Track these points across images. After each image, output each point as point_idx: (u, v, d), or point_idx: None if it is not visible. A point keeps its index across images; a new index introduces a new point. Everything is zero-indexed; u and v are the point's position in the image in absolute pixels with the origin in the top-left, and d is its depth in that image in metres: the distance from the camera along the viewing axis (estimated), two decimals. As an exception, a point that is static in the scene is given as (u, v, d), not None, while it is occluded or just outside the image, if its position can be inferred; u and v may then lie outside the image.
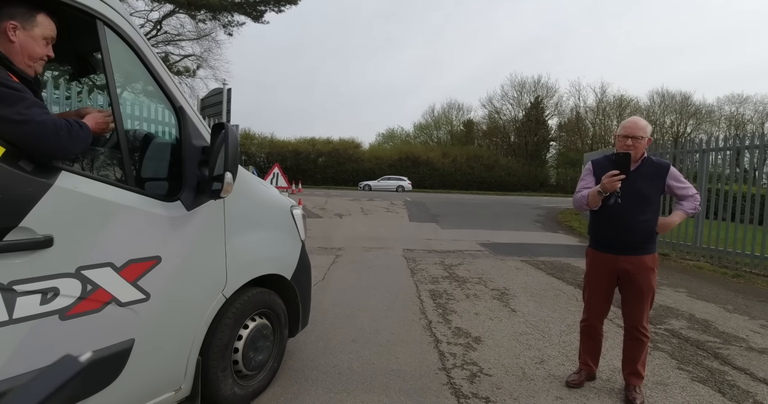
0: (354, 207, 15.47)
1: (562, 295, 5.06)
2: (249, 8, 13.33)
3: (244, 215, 2.23)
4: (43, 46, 1.53)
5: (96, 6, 1.55)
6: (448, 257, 7.22)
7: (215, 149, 1.82)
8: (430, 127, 45.40)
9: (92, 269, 1.50)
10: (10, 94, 1.31)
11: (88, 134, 1.49)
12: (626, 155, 2.46)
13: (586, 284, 2.88)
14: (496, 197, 25.79)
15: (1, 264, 1.27)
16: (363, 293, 4.79)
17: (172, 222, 1.78)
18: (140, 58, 1.72)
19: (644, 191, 2.58)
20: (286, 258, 2.59)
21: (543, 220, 13.80)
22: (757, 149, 7.10)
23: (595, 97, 42.44)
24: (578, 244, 9.38)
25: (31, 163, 1.34)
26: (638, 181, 2.55)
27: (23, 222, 1.31)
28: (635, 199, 2.57)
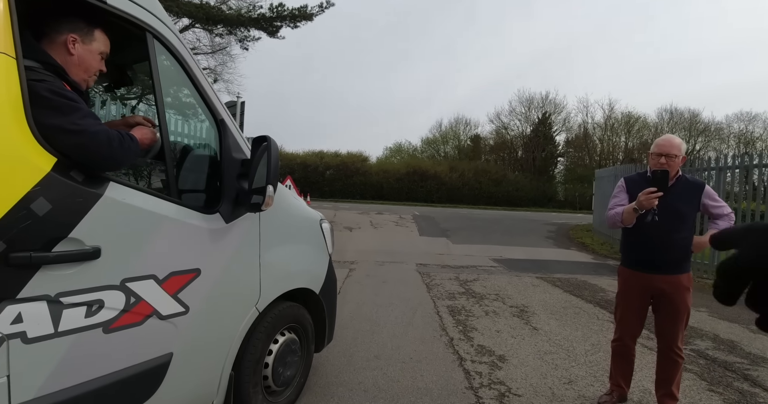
0: (363, 221, 15.44)
1: (582, 313, 4.96)
2: (265, 24, 13.59)
3: (278, 227, 2.21)
4: (98, 61, 1.57)
5: (146, 18, 1.56)
6: (462, 272, 7.14)
7: (255, 162, 1.81)
8: (438, 141, 45.54)
9: (136, 282, 1.48)
10: (65, 104, 1.31)
11: (137, 145, 1.49)
12: (664, 173, 2.43)
13: (619, 303, 2.81)
14: (505, 212, 25.64)
15: (50, 276, 1.26)
16: (381, 308, 4.72)
17: (211, 234, 1.77)
18: (185, 71, 1.72)
19: (680, 209, 2.53)
20: (316, 272, 2.56)
21: (555, 236, 13.67)
22: (766, 168, 7.03)
23: (603, 114, 42.52)
24: (592, 261, 9.26)
25: (82, 173, 1.33)
26: (674, 199, 2.50)
27: (73, 233, 1.29)
28: (671, 217, 2.53)
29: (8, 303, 1.18)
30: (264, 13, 13.82)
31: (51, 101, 1.28)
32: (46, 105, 1.26)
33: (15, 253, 1.17)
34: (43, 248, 1.23)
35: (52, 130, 1.26)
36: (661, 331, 2.69)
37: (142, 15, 1.55)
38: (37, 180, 1.20)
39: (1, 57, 1.17)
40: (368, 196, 32.58)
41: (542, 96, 41.03)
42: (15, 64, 1.19)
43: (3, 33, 1.18)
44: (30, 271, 1.21)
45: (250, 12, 13.90)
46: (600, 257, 9.82)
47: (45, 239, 1.24)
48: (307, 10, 13.77)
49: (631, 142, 40.70)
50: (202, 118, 2.78)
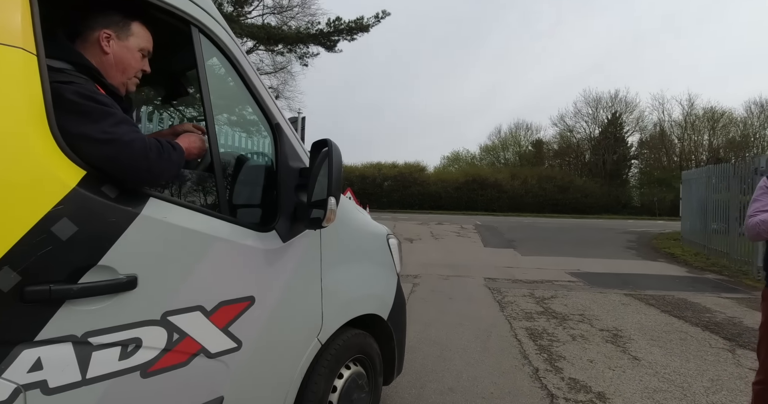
0: (423, 231, 15.05)
1: (690, 340, 4.23)
2: (323, 39, 13.81)
3: (341, 245, 1.93)
4: (138, 59, 1.38)
5: (192, 11, 1.36)
6: (537, 288, 6.52)
7: (315, 171, 1.55)
8: (497, 148, 44.14)
9: (180, 315, 1.24)
10: (96, 108, 1.11)
11: (181, 156, 1.27)
12: None
13: (764, 336, 2.22)
14: (574, 220, 24.03)
15: (76, 312, 1.04)
16: (450, 329, 4.32)
17: (267, 256, 1.51)
18: (237, 71, 1.51)
19: None
20: (384, 295, 2.25)
21: (636, 246, 12.42)
22: None
23: (682, 111, 38.82)
24: (688, 275, 8.18)
25: (116, 188, 1.12)
26: None
27: (104, 260, 1.08)
28: None
29: (25, 347, 0.97)
30: (322, 28, 14.09)
31: (79, 106, 1.08)
32: (72, 110, 1.07)
33: (32, 286, 0.96)
34: (67, 279, 1.02)
35: (79, 138, 1.06)
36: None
37: (188, 7, 1.34)
38: (60, 197, 1.00)
39: (19, 53, 0.98)
40: (426, 206, 32.14)
41: (611, 95, 38.53)
42: (36, 62, 1.00)
43: (21, 26, 0.99)
44: (51, 307, 1.00)
45: (308, 29, 14.23)
46: (695, 271, 8.67)
47: (69, 269, 1.03)
48: (363, 21, 13.85)
49: (716, 140, 36.94)
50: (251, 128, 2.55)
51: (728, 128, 36.74)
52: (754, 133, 35.93)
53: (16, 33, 0.99)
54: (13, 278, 0.94)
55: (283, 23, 14.88)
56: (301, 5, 15.45)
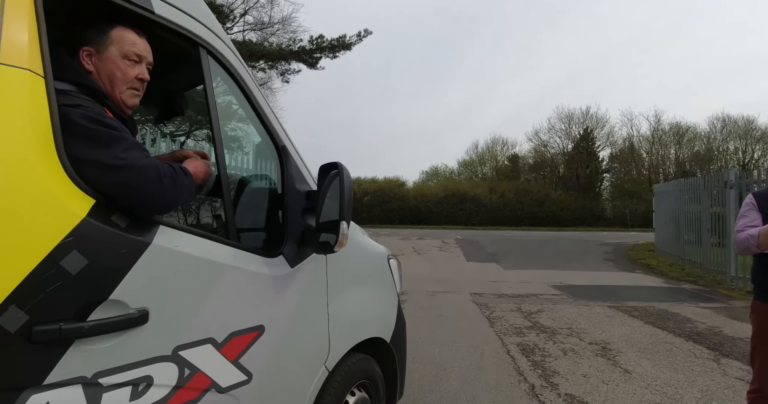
0: (406, 247, 15.04)
1: (676, 350, 4.31)
2: (306, 56, 13.90)
3: (346, 268, 1.89)
4: (125, 67, 1.23)
5: (199, 32, 1.33)
6: (523, 302, 6.56)
7: (323, 193, 1.52)
8: (475, 163, 44.85)
9: (191, 349, 1.18)
10: (105, 133, 1.05)
11: (191, 181, 1.22)
12: None
13: (757, 346, 2.28)
14: (552, 233, 24.48)
15: (86, 352, 0.97)
16: (443, 347, 4.27)
17: (275, 282, 1.47)
18: (244, 92, 1.48)
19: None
20: (386, 317, 2.21)
21: (613, 258, 12.72)
22: None
23: (650, 126, 40.59)
24: (665, 285, 8.40)
25: (126, 217, 1.07)
26: None
27: (114, 294, 1.01)
28: None
29: (33, 392, 0.90)
30: (304, 45, 14.18)
31: (88, 130, 1.03)
32: (81, 134, 1.02)
33: (41, 326, 0.89)
34: (77, 316, 0.96)
35: (89, 165, 1.01)
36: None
37: (196, 28, 1.32)
38: (69, 229, 0.94)
39: (27, 75, 0.93)
40: (407, 221, 32.21)
41: (582, 111, 39.86)
42: (43, 84, 0.96)
43: (29, 46, 0.95)
44: (61, 348, 0.93)
45: (290, 46, 14.29)
46: (672, 281, 8.92)
47: (79, 305, 0.96)
48: (346, 39, 14.01)
49: (682, 153, 38.58)
50: (246, 150, 2.53)
51: (693, 142, 38.46)
52: (717, 146, 37.69)
53: (23, 54, 0.94)
54: (21, 317, 0.88)
55: (263, 39, 14.92)
56: (282, 22, 15.57)
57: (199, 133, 4.24)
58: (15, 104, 0.91)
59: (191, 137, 5.89)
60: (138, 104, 1.31)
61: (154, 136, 4.51)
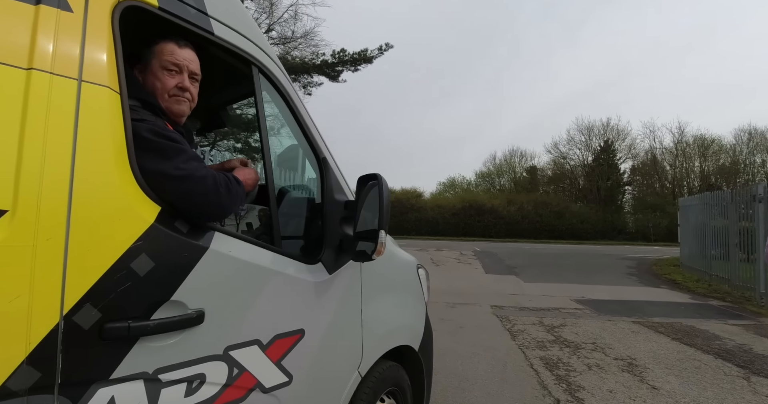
0: (423, 258, 14.98)
1: (704, 368, 4.20)
2: (328, 69, 14.21)
3: (379, 276, 1.95)
4: (165, 77, 1.30)
5: (252, 51, 1.43)
6: (545, 316, 6.48)
7: (360, 203, 1.59)
8: (492, 174, 44.61)
9: (240, 349, 1.24)
10: (169, 146, 1.15)
11: (243, 190, 1.31)
12: None
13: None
14: (571, 246, 24.09)
15: (149, 348, 1.04)
16: (465, 359, 4.26)
17: (316, 288, 1.53)
18: (290, 107, 1.56)
19: None
20: (416, 326, 2.25)
21: (637, 272, 12.44)
22: None
23: (673, 138, 39.75)
24: (692, 302, 8.18)
25: (187, 224, 1.15)
26: None
27: (176, 295, 1.09)
28: None
29: (100, 386, 0.97)
30: (327, 59, 14.51)
31: (154, 143, 1.12)
32: (148, 147, 1.10)
33: (112, 323, 0.97)
34: (143, 315, 1.03)
35: (155, 175, 1.09)
36: None
37: (249, 48, 1.41)
38: (140, 233, 1.02)
39: (105, 92, 1.02)
40: (423, 232, 32.10)
41: (603, 123, 39.37)
42: (119, 101, 1.05)
43: (107, 65, 1.04)
44: (127, 344, 1.01)
45: (313, 59, 14.63)
46: (699, 297, 8.68)
47: (145, 305, 1.04)
48: (368, 53, 14.29)
49: (707, 166, 37.64)
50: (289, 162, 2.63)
51: (718, 154, 37.53)
52: (744, 159, 36.71)
53: (102, 72, 1.04)
54: (94, 315, 0.95)
55: (287, 53, 15.30)
56: (304, 36, 15.99)
57: (240, 144, 4.36)
58: (97, 119, 1.01)
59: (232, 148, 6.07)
60: (186, 112, 1.38)
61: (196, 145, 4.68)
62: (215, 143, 6.86)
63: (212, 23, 1.29)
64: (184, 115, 1.37)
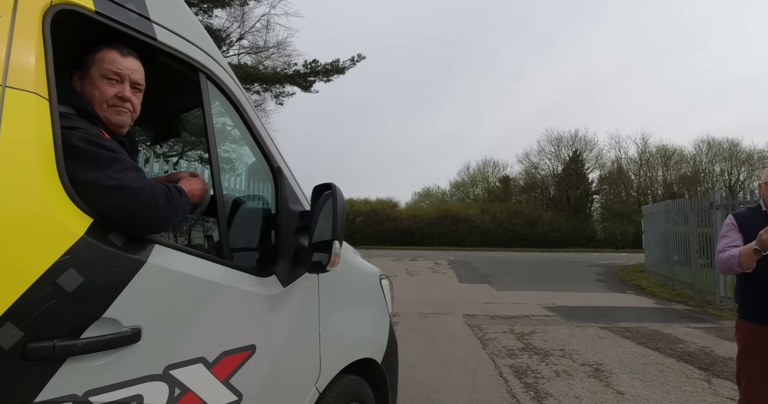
0: (398, 268, 14.97)
1: (667, 371, 4.31)
2: (300, 79, 14.20)
3: (339, 288, 1.91)
4: (104, 86, 1.23)
5: (199, 57, 1.39)
6: (516, 323, 6.54)
7: (316, 214, 1.56)
8: (467, 184, 45.23)
9: (182, 368, 1.18)
10: (102, 155, 1.09)
11: (187, 201, 1.25)
12: None
13: (742, 367, 2.31)
14: (544, 254, 24.55)
15: (78, 369, 0.98)
16: (436, 370, 4.23)
17: (268, 302, 1.48)
18: (241, 115, 1.53)
19: (814, 249, 2.10)
20: (379, 338, 2.21)
21: (605, 279, 12.76)
22: None
23: (637, 149, 41.35)
24: (656, 306, 8.44)
25: (122, 236, 1.09)
26: None
27: (108, 312, 1.03)
28: None
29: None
30: (299, 69, 14.49)
31: (86, 152, 1.06)
32: (80, 156, 1.05)
33: (35, 343, 0.90)
34: (70, 334, 0.97)
35: (87, 185, 1.04)
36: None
37: (196, 54, 1.37)
38: (67, 246, 0.96)
39: (32, 98, 0.97)
40: (399, 242, 32.12)
41: (571, 134, 40.56)
42: (48, 107, 1.00)
43: (35, 70, 0.99)
44: (53, 365, 0.94)
45: (285, 69, 14.59)
46: (663, 301, 8.96)
47: (73, 323, 0.98)
48: (339, 63, 14.35)
49: (670, 175, 39.27)
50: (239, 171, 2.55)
51: (680, 164, 39.22)
52: (704, 168, 38.48)
53: (29, 77, 0.98)
54: (16, 334, 0.89)
55: (258, 63, 15.24)
56: (277, 46, 15.96)
57: (191, 154, 4.31)
58: (21, 126, 0.95)
59: (184, 157, 5.93)
60: (127, 123, 1.31)
61: (148, 156, 4.55)
62: (183, 153, 6.69)
63: (155, 29, 1.25)
64: (124, 126, 1.31)
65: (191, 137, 2.86)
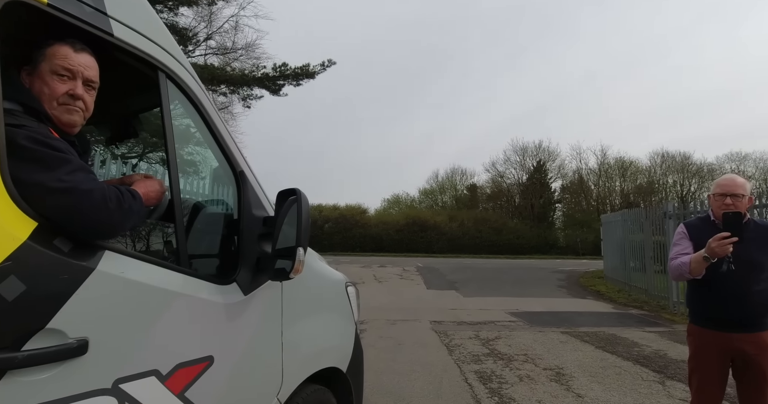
0: (366, 274, 14.91)
1: (624, 374, 4.46)
2: (269, 82, 13.99)
3: (303, 296, 1.87)
4: (54, 83, 1.16)
5: (159, 56, 1.34)
6: (481, 329, 6.63)
7: (280, 220, 1.52)
8: (435, 192, 45.74)
9: (133, 381, 1.12)
10: (50, 155, 1.02)
11: (141, 205, 1.20)
12: (737, 215, 2.15)
13: (694, 369, 2.41)
14: (509, 261, 25.08)
15: (18, 384, 0.91)
16: (402, 377, 4.22)
17: (227, 311, 1.43)
18: (203, 117, 1.48)
19: (756, 257, 2.23)
20: (344, 347, 2.18)
21: (566, 285, 13.16)
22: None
23: (597, 160, 43.09)
24: (614, 311, 8.76)
25: (70, 241, 1.03)
26: (747, 245, 2.20)
27: (52, 322, 0.96)
28: (748, 266, 2.22)
29: (-46, 430, 0.82)
30: (268, 72, 14.28)
31: (31, 152, 1.00)
32: (24, 156, 0.98)
33: (-32, 357, 0.83)
34: (11, 346, 0.90)
35: (32, 187, 0.97)
36: (745, 400, 2.31)
37: (155, 52, 1.32)
38: (8, 252, 0.90)
39: (-27, 94, 0.91)
40: (368, 248, 32.03)
41: (536, 145, 41.80)
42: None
43: (-22, 65, 0.92)
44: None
45: (254, 72, 14.35)
46: (620, 307, 9.32)
47: (14, 334, 0.91)
48: (310, 68, 14.26)
49: (626, 186, 41.09)
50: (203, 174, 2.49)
51: (636, 175, 41.13)
52: (658, 180, 40.50)
53: None
54: (-53, 347, 0.82)
55: (226, 64, 14.92)
56: (245, 48, 15.70)
57: (153, 156, 4.14)
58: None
59: (144, 159, 5.68)
60: (78, 122, 1.24)
61: (104, 157, 4.33)
62: (143, 155, 6.39)
63: (112, 24, 1.20)
64: (75, 125, 1.23)
65: (152, 138, 2.73)
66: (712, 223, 2.34)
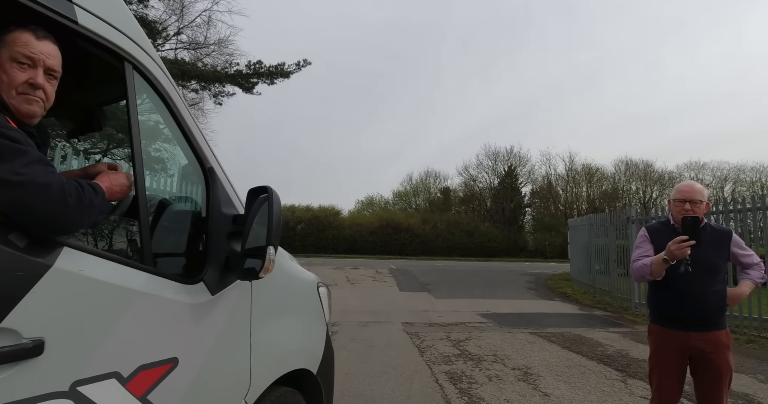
0: (339, 277, 14.81)
1: (589, 373, 4.60)
2: (242, 80, 13.72)
3: (272, 297, 1.84)
4: (14, 70, 1.11)
5: (125, 46, 1.29)
6: (452, 331, 6.70)
7: (251, 218, 1.49)
8: (409, 194, 46.03)
9: (92, 384, 1.07)
10: (5, 145, 0.97)
11: (103, 200, 1.15)
12: (695, 219, 2.26)
13: (654, 367, 2.51)
14: (480, 263, 25.48)
15: (-34, 386, 0.86)
16: (373, 379, 4.21)
17: (193, 311, 1.39)
18: (170, 110, 1.44)
19: (712, 259, 2.35)
20: (314, 348, 2.15)
21: (535, 287, 13.47)
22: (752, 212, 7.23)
23: (565, 166, 44.40)
24: (579, 312, 9.03)
25: (26, 237, 0.98)
26: (705, 248, 2.32)
27: (5, 321, 0.91)
28: (704, 268, 2.33)
29: None
30: (241, 69, 14.02)
31: None
32: None
33: None
34: (-45, 347, 0.84)
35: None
36: (702, 395, 2.42)
37: (122, 42, 1.27)
38: (-44, 248, 0.85)
39: None
40: (341, 250, 31.88)
41: (507, 150, 42.71)
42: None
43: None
44: (-71, 385, 0.81)
45: (226, 68, 14.07)
46: (585, 308, 9.61)
47: (-40, 335, 0.85)
48: (285, 67, 14.09)
49: (592, 191, 42.48)
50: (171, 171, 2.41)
51: (602, 181, 42.61)
52: (622, 186, 42.09)
53: None
54: None
55: (197, 59, 14.54)
56: (218, 44, 15.35)
57: (117, 151, 4.00)
58: None
59: (108, 155, 5.48)
60: (38, 113, 1.18)
61: (65, 152, 4.15)
62: (108, 149, 6.17)
63: (76, 11, 1.15)
64: (34, 116, 1.17)
65: (118, 132, 2.63)
66: (672, 227, 2.44)
